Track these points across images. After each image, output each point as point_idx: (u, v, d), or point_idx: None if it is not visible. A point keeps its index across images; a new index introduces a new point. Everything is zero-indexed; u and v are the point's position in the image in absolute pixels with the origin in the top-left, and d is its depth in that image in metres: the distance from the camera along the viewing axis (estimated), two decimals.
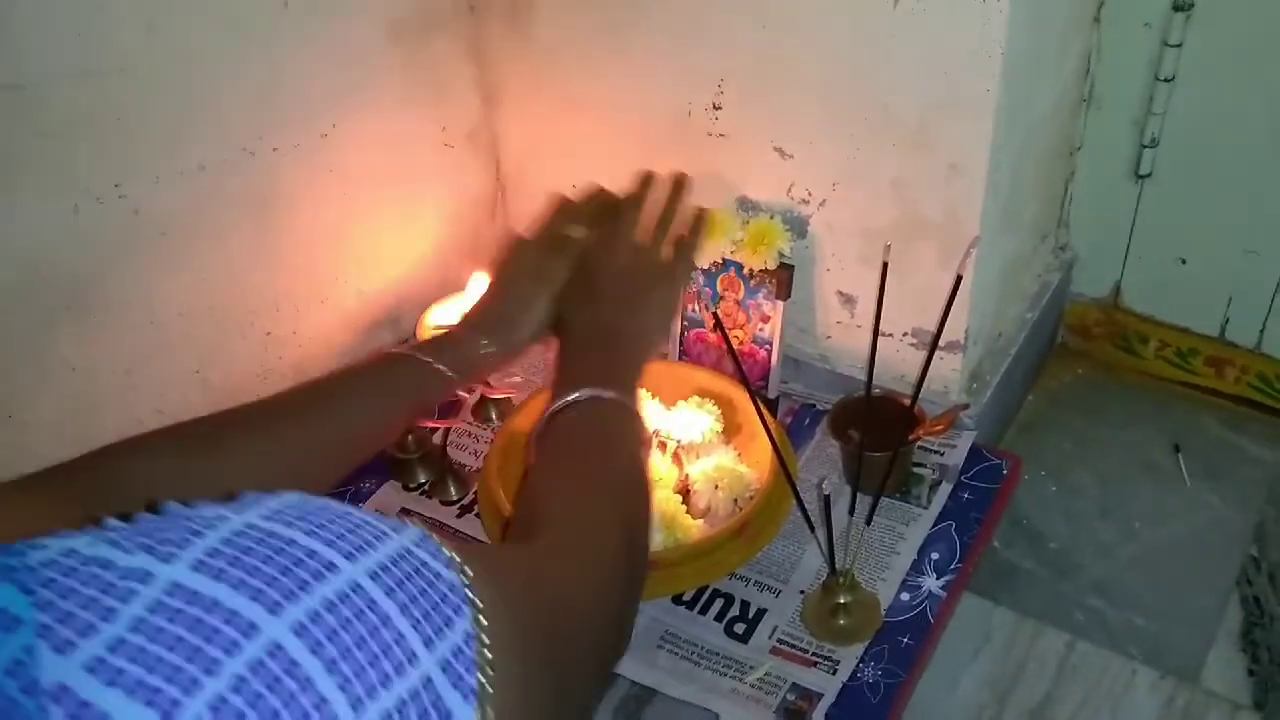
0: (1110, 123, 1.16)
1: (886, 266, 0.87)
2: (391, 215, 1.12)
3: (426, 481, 1.05)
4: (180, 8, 0.85)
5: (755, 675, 0.89)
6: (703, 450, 1.03)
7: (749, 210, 1.07)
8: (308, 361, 1.08)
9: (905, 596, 0.93)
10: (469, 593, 0.43)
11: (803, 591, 0.95)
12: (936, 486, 1.02)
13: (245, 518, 0.40)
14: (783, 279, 1.05)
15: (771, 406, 1.10)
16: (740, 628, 0.93)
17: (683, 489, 1.00)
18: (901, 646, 0.90)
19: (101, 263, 0.87)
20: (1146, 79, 1.11)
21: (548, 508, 0.67)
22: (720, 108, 1.03)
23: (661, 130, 1.08)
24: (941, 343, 0.91)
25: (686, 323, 1.14)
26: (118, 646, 0.34)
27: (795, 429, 1.11)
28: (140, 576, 0.36)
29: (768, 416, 0.90)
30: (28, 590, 0.35)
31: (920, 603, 0.93)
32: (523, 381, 1.16)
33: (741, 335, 1.11)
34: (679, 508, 0.97)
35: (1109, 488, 1.18)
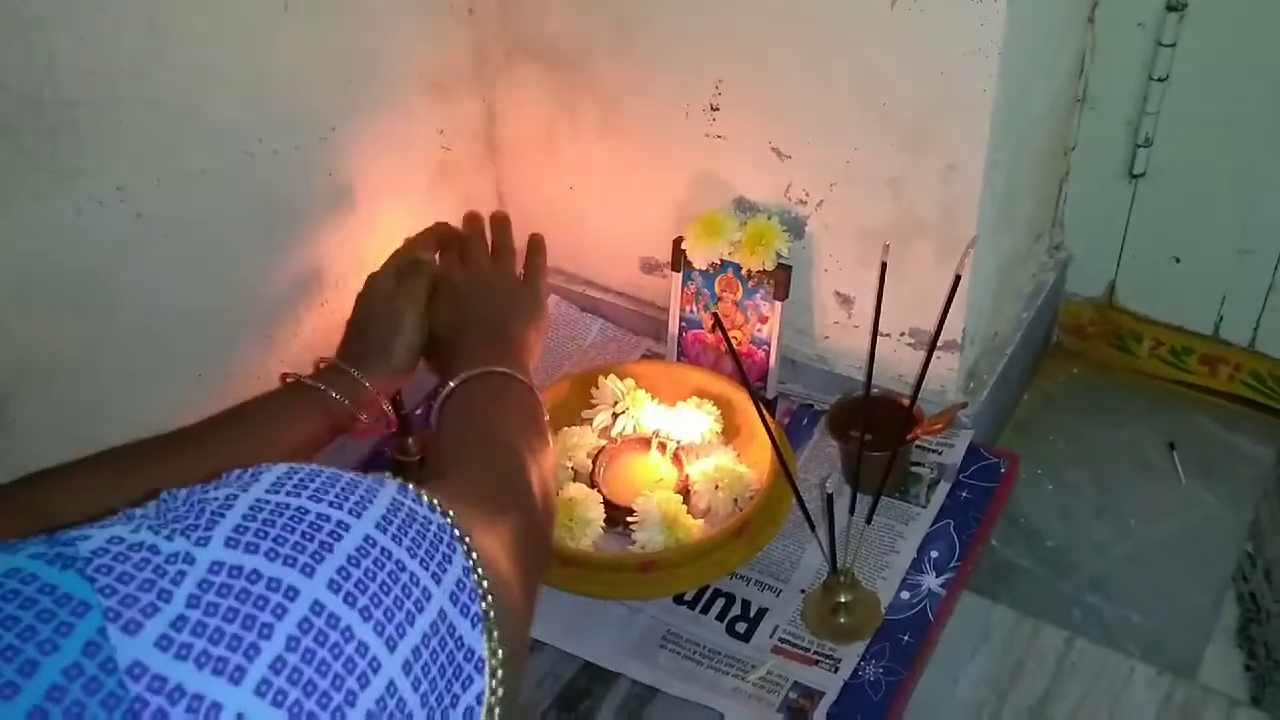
0: (1104, 122, 1.16)
1: (885, 267, 0.88)
2: (391, 218, 1.12)
3: None
4: (181, 9, 0.85)
5: (757, 674, 0.90)
6: (702, 451, 1.03)
7: (747, 211, 1.08)
8: (307, 364, 1.08)
9: (905, 595, 0.94)
10: (456, 530, 0.47)
11: (803, 591, 0.96)
12: (935, 485, 1.03)
13: (252, 494, 0.43)
14: (780, 279, 1.06)
15: (769, 407, 1.11)
16: (741, 627, 0.93)
17: (683, 489, 1.01)
18: (902, 645, 0.90)
19: (103, 265, 0.87)
20: (1140, 79, 1.11)
21: (460, 452, 0.73)
22: (718, 109, 1.03)
23: (659, 131, 1.08)
24: (939, 342, 0.91)
25: (684, 323, 1.14)
26: (180, 623, 0.37)
27: (793, 429, 1.11)
28: (184, 558, 0.39)
29: (767, 416, 0.90)
30: (88, 578, 0.37)
31: (920, 601, 0.93)
32: None
33: (739, 336, 1.11)
34: (680, 508, 0.97)
35: (1105, 486, 1.19)
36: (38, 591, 0.36)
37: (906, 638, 0.91)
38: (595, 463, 1.04)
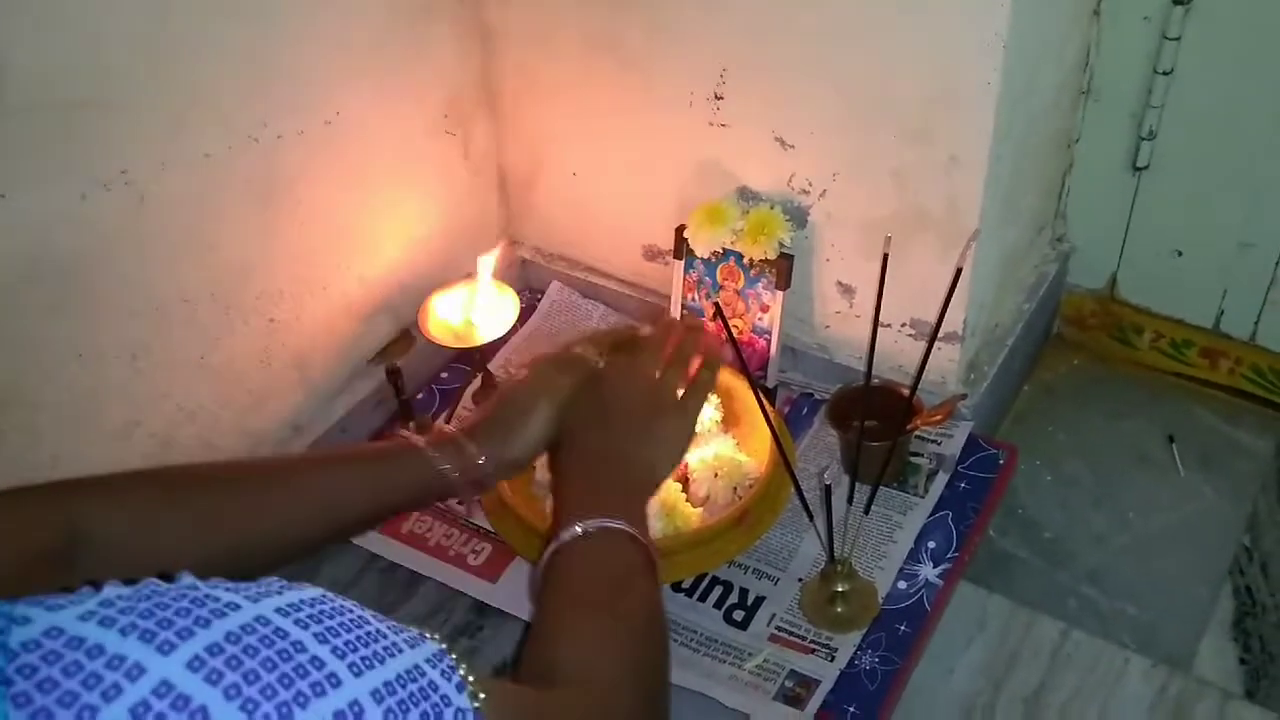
0: (1108, 115, 1.16)
1: (887, 258, 0.88)
2: (394, 202, 1.13)
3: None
4: None
5: (754, 662, 0.90)
6: (702, 439, 1.03)
7: (749, 200, 1.08)
8: (310, 348, 1.08)
9: (902, 585, 0.94)
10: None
11: (801, 579, 0.96)
12: (934, 476, 1.03)
13: (259, 608, 0.38)
14: (782, 269, 1.06)
15: (770, 395, 1.11)
16: (739, 615, 0.94)
17: (682, 477, 1.01)
18: (899, 634, 0.91)
19: (108, 249, 0.87)
20: (1145, 72, 1.11)
21: (561, 653, 0.65)
22: (722, 97, 1.03)
23: (663, 119, 1.08)
24: (940, 333, 0.92)
25: (686, 311, 1.15)
26: None
27: (793, 418, 1.11)
28: (129, 670, 0.34)
29: (767, 405, 0.91)
30: (6, 680, 0.32)
31: (917, 591, 0.94)
32: None
33: (741, 324, 1.11)
34: (678, 496, 0.98)
35: (1103, 478, 1.19)
36: None
37: (903, 627, 0.91)
38: None
